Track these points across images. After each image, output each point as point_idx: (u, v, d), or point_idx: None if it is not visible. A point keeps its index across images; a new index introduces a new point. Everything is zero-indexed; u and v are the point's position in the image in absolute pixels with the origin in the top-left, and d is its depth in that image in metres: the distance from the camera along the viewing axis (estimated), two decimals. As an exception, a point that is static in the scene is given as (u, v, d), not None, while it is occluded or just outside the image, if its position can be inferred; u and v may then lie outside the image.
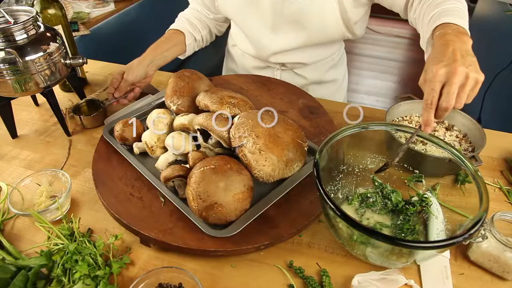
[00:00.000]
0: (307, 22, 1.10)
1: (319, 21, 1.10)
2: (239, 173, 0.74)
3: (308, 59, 1.22)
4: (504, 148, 1.05)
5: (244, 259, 0.75)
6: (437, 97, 0.68)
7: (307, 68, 1.25)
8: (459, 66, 0.66)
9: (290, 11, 1.08)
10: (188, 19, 1.25)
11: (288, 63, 1.23)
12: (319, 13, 1.08)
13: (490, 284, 0.74)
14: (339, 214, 0.64)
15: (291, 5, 1.07)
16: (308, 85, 1.29)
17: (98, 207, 0.86)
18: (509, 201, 0.91)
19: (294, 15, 1.09)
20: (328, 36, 1.15)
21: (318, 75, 1.28)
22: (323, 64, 1.27)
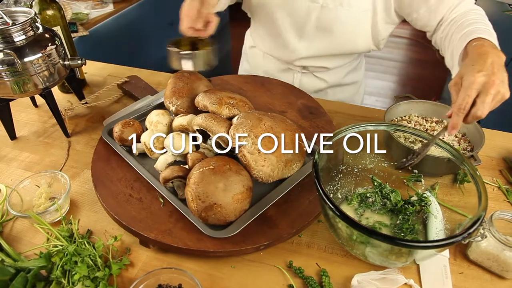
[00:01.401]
0: (338, 32, 1.10)
1: (350, 33, 1.11)
2: (238, 174, 0.74)
3: (331, 64, 1.22)
4: (503, 147, 1.05)
5: (244, 260, 0.75)
6: (471, 103, 0.70)
7: (328, 72, 1.25)
8: (496, 79, 0.68)
9: (325, 19, 1.08)
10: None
11: (310, 66, 1.23)
12: (352, 25, 1.09)
13: (490, 283, 0.74)
14: (338, 214, 0.64)
15: (328, 13, 1.07)
16: (328, 89, 1.29)
17: (97, 208, 0.86)
18: (508, 200, 0.91)
19: (329, 23, 1.09)
20: (356, 48, 1.16)
21: (338, 79, 1.28)
22: (344, 68, 1.27)
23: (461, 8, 0.98)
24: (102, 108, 1.18)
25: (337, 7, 1.06)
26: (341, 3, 1.05)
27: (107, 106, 1.19)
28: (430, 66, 3.61)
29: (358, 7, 1.06)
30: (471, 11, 0.96)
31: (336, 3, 1.06)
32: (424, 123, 1.04)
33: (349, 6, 1.06)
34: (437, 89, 3.20)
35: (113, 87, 1.22)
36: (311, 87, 1.28)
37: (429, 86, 3.36)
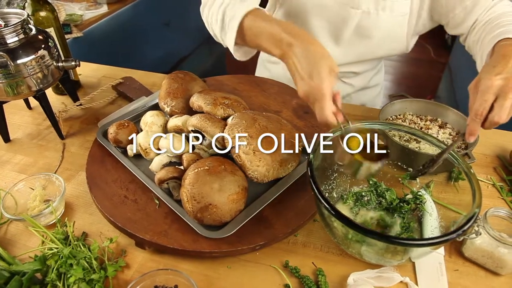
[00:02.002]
0: (377, 37, 1.07)
1: (388, 37, 1.08)
2: (233, 174, 0.74)
3: (360, 69, 1.20)
4: (497, 145, 1.06)
5: (240, 260, 0.75)
6: (488, 108, 0.68)
7: (356, 77, 1.23)
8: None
9: (365, 24, 1.05)
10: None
11: (340, 72, 1.16)
12: (390, 30, 1.06)
13: (484, 280, 0.74)
14: (333, 213, 0.64)
15: (369, 19, 1.04)
16: (353, 93, 1.27)
17: (92, 210, 0.86)
18: (502, 197, 0.92)
19: (368, 29, 1.06)
20: (391, 52, 1.14)
21: (364, 83, 1.26)
22: (370, 72, 1.26)
23: (496, 9, 0.95)
24: (97, 109, 1.18)
25: (378, 12, 1.03)
26: (384, 8, 1.02)
27: (101, 108, 1.18)
28: (425, 65, 3.62)
29: (399, 11, 1.03)
30: (507, 13, 0.92)
31: (378, 8, 1.02)
32: (418, 121, 1.04)
33: (391, 11, 1.03)
34: (432, 88, 3.21)
35: (108, 89, 1.22)
36: None
37: (424, 85, 3.37)
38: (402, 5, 1.02)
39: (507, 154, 1.02)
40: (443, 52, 3.50)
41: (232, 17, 0.82)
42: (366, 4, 1.02)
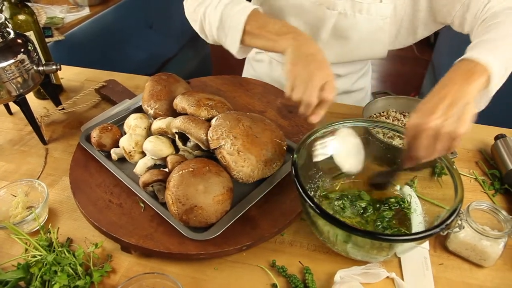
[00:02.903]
0: (355, 39, 1.06)
1: (367, 40, 1.07)
2: (218, 175, 0.74)
3: (343, 71, 1.20)
4: (479, 139, 1.07)
5: (227, 261, 0.75)
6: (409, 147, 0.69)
7: (339, 79, 1.22)
8: (432, 121, 0.63)
9: (342, 26, 1.04)
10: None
11: None
12: (369, 32, 1.05)
13: (469, 272, 0.75)
14: (318, 212, 0.64)
15: (346, 20, 1.03)
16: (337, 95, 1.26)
17: (77, 215, 0.85)
18: (484, 190, 0.93)
19: (345, 30, 1.05)
20: (371, 55, 1.13)
21: (347, 86, 1.25)
22: (354, 75, 1.24)
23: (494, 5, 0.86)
24: (80, 113, 1.16)
25: (355, 14, 1.02)
26: (360, 10, 1.01)
27: (84, 112, 1.17)
28: (409, 63, 3.66)
29: (377, 14, 1.02)
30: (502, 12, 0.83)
31: (355, 10, 1.01)
32: (402, 118, 1.05)
33: (368, 14, 1.02)
34: (416, 85, 3.25)
35: (91, 92, 1.21)
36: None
37: (408, 82, 3.41)
38: (381, 8, 1.01)
39: (488, 149, 1.03)
40: (426, 50, 3.54)
41: (233, 21, 0.85)
42: (342, 5, 1.01)
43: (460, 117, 0.64)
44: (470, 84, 0.66)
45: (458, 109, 0.64)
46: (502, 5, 0.84)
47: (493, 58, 0.69)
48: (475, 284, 0.74)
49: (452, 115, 0.63)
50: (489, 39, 0.74)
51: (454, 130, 0.63)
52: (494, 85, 0.70)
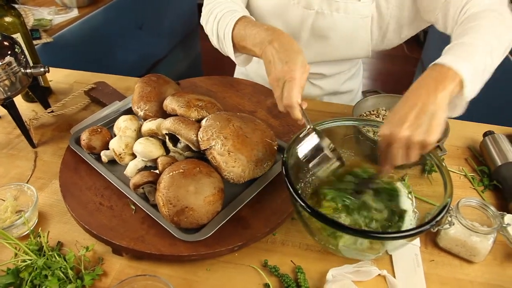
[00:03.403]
0: (334, 38, 1.06)
1: (347, 39, 1.06)
2: (209, 176, 0.74)
3: (328, 71, 1.19)
4: (468, 136, 1.08)
5: (219, 262, 0.75)
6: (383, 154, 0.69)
7: (324, 79, 1.22)
8: (403, 131, 0.63)
9: (320, 25, 1.04)
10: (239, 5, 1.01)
11: None
12: (349, 31, 1.04)
13: (459, 268, 0.76)
14: (309, 211, 0.65)
15: (323, 20, 1.03)
16: (324, 96, 1.26)
17: (67, 219, 0.84)
18: (473, 187, 0.94)
19: (324, 30, 1.05)
20: (353, 54, 1.12)
21: (335, 86, 1.25)
22: (341, 76, 1.24)
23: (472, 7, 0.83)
24: (69, 116, 1.15)
25: (332, 12, 1.01)
26: (338, 9, 1.01)
27: (74, 114, 1.16)
28: (399, 61, 3.68)
29: (356, 13, 1.01)
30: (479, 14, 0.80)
31: (332, 9, 1.01)
32: (391, 116, 1.06)
33: (346, 13, 1.01)
34: (407, 83, 3.24)
35: (80, 94, 1.20)
36: (306, 94, 1.23)
37: (399, 81, 3.43)
38: (359, 7, 1.00)
39: (477, 145, 1.05)
40: (416, 48, 3.56)
41: (225, 29, 0.88)
42: (319, 4, 1.01)
43: (429, 125, 0.64)
44: (440, 90, 0.65)
45: (428, 117, 0.64)
46: (480, 7, 0.82)
47: (466, 64, 0.68)
48: (465, 279, 0.74)
49: (422, 124, 0.63)
50: (465, 43, 0.73)
51: (425, 139, 0.64)
52: (468, 91, 0.69)
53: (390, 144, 0.66)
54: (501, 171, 0.92)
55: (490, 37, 0.74)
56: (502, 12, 0.80)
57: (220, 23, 0.91)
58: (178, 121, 0.82)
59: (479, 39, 0.73)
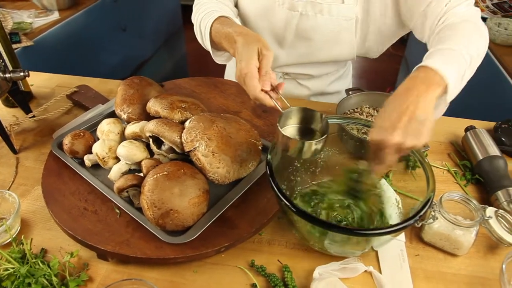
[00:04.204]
0: (318, 40, 1.07)
1: (331, 41, 1.07)
2: (193, 177, 0.74)
3: (315, 72, 1.19)
4: (450, 132, 1.10)
5: (206, 263, 0.75)
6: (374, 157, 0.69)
7: (311, 80, 1.22)
8: (395, 138, 0.64)
9: (304, 26, 1.05)
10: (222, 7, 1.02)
11: (292, 73, 1.20)
12: (332, 33, 1.05)
13: (443, 262, 0.77)
14: (294, 211, 0.65)
15: (308, 21, 1.04)
16: (310, 96, 1.27)
17: (50, 225, 0.83)
18: (456, 181, 0.96)
19: (308, 31, 1.05)
20: (338, 56, 1.12)
21: (322, 87, 1.25)
22: (329, 77, 1.24)
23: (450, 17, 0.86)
24: (51, 120, 1.14)
25: (316, 14, 1.02)
26: (321, 10, 1.01)
27: (56, 119, 1.14)
28: (384, 59, 3.69)
29: (340, 15, 1.02)
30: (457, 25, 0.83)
31: (315, 11, 1.02)
32: (375, 113, 1.07)
33: (330, 15, 1.02)
34: (391, 80, 3.31)
35: (62, 98, 1.18)
36: (293, 94, 1.24)
37: (384, 78, 3.47)
38: (343, 9, 1.01)
39: (459, 140, 1.06)
40: (399, 46, 3.60)
41: (205, 27, 0.92)
42: (303, 6, 1.02)
43: (420, 131, 0.65)
44: (428, 94, 0.66)
45: (418, 123, 0.64)
46: (457, 18, 0.84)
47: (451, 69, 0.69)
48: (450, 272, 0.76)
49: (413, 130, 0.64)
50: (448, 49, 0.74)
51: (415, 144, 0.65)
52: (450, 95, 0.71)
53: (382, 148, 0.66)
54: (482, 165, 0.94)
55: (471, 46, 0.76)
56: (477, 24, 0.84)
57: (202, 23, 0.94)
58: (162, 123, 0.82)
59: (461, 46, 0.74)
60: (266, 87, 0.75)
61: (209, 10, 0.94)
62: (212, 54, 0.98)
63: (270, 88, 0.76)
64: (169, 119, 0.85)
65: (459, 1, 0.86)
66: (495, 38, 1.74)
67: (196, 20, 0.99)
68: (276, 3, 1.03)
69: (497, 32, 1.71)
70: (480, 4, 2.11)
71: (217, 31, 0.90)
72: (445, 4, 0.86)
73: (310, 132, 0.73)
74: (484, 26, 0.85)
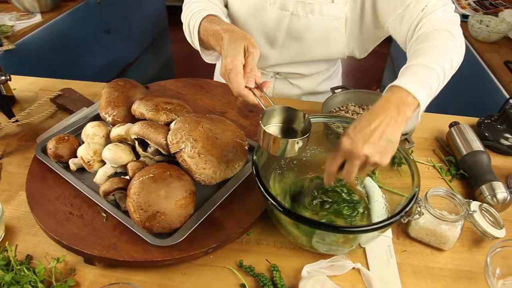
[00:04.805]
0: (309, 39, 1.07)
1: (322, 40, 1.07)
2: (180, 179, 0.73)
3: (306, 71, 1.20)
4: (435, 128, 1.12)
5: (194, 265, 0.75)
6: (336, 167, 0.70)
7: (302, 79, 1.23)
8: (365, 150, 0.65)
9: (296, 26, 1.05)
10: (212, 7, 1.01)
11: (283, 72, 1.20)
12: (323, 32, 1.05)
13: (430, 256, 0.78)
14: (281, 210, 0.65)
15: (299, 21, 1.04)
16: (302, 95, 1.27)
17: (36, 231, 0.82)
18: (442, 177, 0.97)
19: (299, 31, 1.05)
20: (329, 55, 1.13)
21: (313, 86, 1.25)
22: (320, 76, 1.24)
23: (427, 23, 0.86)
24: (35, 125, 1.12)
25: (307, 14, 1.02)
26: (312, 10, 1.02)
27: (40, 123, 1.13)
28: (370, 57, 3.73)
29: (330, 15, 1.02)
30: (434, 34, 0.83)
31: (306, 11, 1.02)
32: (361, 111, 1.08)
33: (321, 14, 1.02)
34: (377, 78, 3.34)
35: (46, 102, 1.16)
36: (285, 94, 1.25)
37: (370, 76, 3.50)
38: (332, 9, 1.02)
39: (444, 136, 1.08)
40: (385, 43, 3.63)
41: (193, 26, 0.92)
42: (294, 6, 1.02)
43: (386, 150, 0.67)
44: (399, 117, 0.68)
45: (386, 142, 0.66)
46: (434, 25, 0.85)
47: (423, 89, 0.71)
48: (436, 267, 0.77)
49: (381, 147, 0.66)
50: (422, 65, 0.76)
51: (379, 161, 0.67)
52: (421, 111, 0.74)
53: (349, 158, 0.67)
54: (466, 160, 0.95)
55: (444, 60, 0.77)
56: (454, 33, 0.84)
57: (190, 22, 0.94)
58: (147, 125, 0.81)
59: (435, 62, 0.76)
60: (250, 84, 0.76)
61: (198, 9, 0.94)
62: (201, 53, 0.98)
63: (254, 85, 0.76)
64: (154, 121, 0.84)
65: (436, 6, 0.87)
66: (477, 35, 1.77)
67: (185, 19, 0.98)
68: (267, 3, 1.03)
69: (479, 29, 1.74)
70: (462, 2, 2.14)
71: (205, 29, 0.90)
72: (422, 9, 0.87)
73: (292, 132, 0.73)
74: (460, 35, 0.85)
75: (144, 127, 0.80)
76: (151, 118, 0.85)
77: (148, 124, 0.81)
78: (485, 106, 1.64)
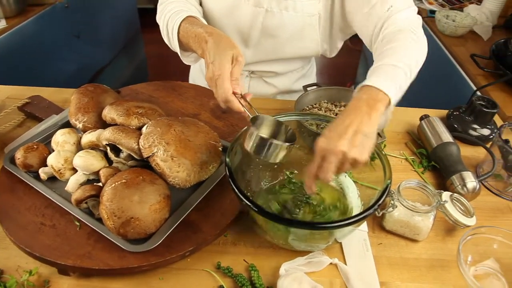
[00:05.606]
0: (284, 36, 1.07)
1: (296, 37, 1.07)
2: (153, 183, 0.72)
3: (280, 69, 1.20)
4: (406, 121, 1.14)
5: (171, 269, 0.74)
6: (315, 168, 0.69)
7: (277, 78, 1.23)
8: (340, 146, 0.65)
9: (270, 23, 1.05)
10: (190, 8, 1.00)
11: (258, 71, 1.20)
12: (297, 29, 1.06)
13: (405, 248, 0.80)
14: (256, 210, 0.65)
15: (273, 18, 1.04)
16: (277, 94, 1.27)
17: (6, 244, 0.79)
18: (414, 169, 0.99)
19: (273, 28, 1.05)
20: (303, 52, 1.13)
21: (288, 85, 1.26)
22: (294, 74, 1.25)
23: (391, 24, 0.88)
24: (3, 134, 1.08)
25: (282, 11, 1.03)
26: (286, 7, 1.03)
27: (8, 132, 1.09)
28: (343, 54, 3.76)
29: (304, 12, 1.03)
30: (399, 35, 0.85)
31: (281, 7, 1.03)
32: (333, 108, 1.09)
33: (295, 11, 1.03)
34: (352, 75, 3.38)
35: (13, 110, 1.13)
36: (260, 93, 1.25)
37: (345, 73, 3.54)
38: (306, 5, 1.03)
39: (415, 129, 1.10)
40: (358, 40, 3.68)
41: (172, 27, 0.92)
42: (268, 2, 1.03)
43: (363, 145, 0.67)
44: (374, 112, 0.69)
45: (363, 137, 0.67)
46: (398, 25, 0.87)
47: (392, 86, 0.73)
48: (412, 258, 0.78)
49: (358, 142, 0.66)
50: (389, 65, 0.78)
51: (358, 157, 0.66)
52: (392, 108, 0.75)
53: (325, 156, 0.67)
54: (437, 151, 0.98)
55: (409, 59, 0.80)
56: (418, 34, 0.87)
57: (169, 23, 0.94)
58: (118, 130, 0.80)
59: (400, 61, 0.78)
60: (237, 90, 0.78)
61: (176, 10, 0.94)
62: (180, 55, 0.97)
63: (239, 91, 0.78)
64: (125, 126, 0.83)
65: (401, 8, 0.90)
66: (444, 30, 1.81)
67: (162, 21, 0.97)
68: (242, 0, 1.03)
69: (446, 24, 1.79)
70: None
71: (186, 31, 0.89)
72: (387, 9, 0.90)
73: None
74: (423, 36, 0.88)
75: (115, 133, 0.79)
76: (122, 123, 0.84)
77: (120, 129, 0.80)
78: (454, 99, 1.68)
